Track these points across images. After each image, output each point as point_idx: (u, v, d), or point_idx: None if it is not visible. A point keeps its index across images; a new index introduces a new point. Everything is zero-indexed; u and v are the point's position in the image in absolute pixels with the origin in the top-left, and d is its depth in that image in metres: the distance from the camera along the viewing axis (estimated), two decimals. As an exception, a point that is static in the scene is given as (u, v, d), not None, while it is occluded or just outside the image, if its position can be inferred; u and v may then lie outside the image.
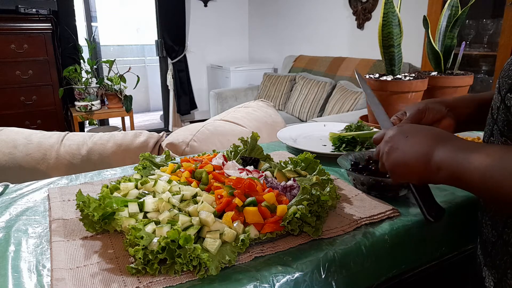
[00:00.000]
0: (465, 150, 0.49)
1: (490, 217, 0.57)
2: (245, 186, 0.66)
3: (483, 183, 0.45)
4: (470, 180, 0.47)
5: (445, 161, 0.50)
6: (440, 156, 0.51)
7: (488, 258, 0.57)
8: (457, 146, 0.51)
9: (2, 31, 3.13)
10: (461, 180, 0.48)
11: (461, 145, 0.50)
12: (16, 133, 1.24)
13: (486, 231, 0.58)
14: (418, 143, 0.55)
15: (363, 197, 0.75)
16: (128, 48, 5.85)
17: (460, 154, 0.49)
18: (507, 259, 0.53)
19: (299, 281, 0.54)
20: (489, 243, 0.57)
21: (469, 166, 0.47)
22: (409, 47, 2.23)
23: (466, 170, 0.47)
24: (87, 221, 0.61)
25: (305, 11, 4.06)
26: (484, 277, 0.59)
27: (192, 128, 1.34)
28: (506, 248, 0.53)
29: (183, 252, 0.51)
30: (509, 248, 0.52)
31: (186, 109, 4.80)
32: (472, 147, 0.49)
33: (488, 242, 0.57)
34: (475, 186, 0.47)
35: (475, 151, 0.48)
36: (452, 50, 1.27)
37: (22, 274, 0.53)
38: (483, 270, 0.59)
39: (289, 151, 1.06)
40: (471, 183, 0.47)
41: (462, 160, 0.48)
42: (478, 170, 0.45)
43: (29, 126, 3.27)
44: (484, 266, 0.59)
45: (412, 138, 0.56)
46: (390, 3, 1.08)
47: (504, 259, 0.53)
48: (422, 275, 0.72)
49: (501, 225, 0.54)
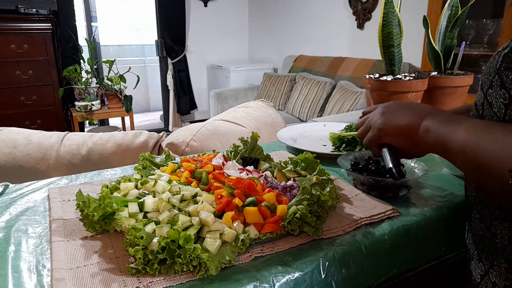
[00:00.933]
0: (451, 120, 0.54)
1: (479, 210, 0.58)
2: (245, 186, 0.66)
3: (462, 152, 0.49)
4: (451, 148, 0.51)
5: (434, 127, 0.55)
6: (429, 122, 0.57)
7: (476, 252, 0.59)
8: (446, 116, 0.56)
9: (2, 31, 3.13)
10: (445, 147, 0.52)
11: (450, 117, 0.56)
12: (16, 133, 1.24)
13: (474, 225, 0.59)
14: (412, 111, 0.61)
15: (363, 197, 0.75)
16: (128, 48, 5.85)
17: (446, 123, 0.54)
18: (494, 251, 0.54)
19: (299, 281, 0.54)
20: (477, 236, 0.58)
21: (452, 134, 0.51)
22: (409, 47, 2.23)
23: (448, 137, 0.52)
24: (87, 221, 0.61)
25: (305, 11, 4.06)
26: (471, 270, 0.60)
27: (192, 128, 1.34)
28: (493, 240, 0.54)
29: (183, 252, 0.51)
30: (495, 240, 0.54)
31: (186, 109, 4.80)
32: (459, 119, 0.53)
33: (476, 236, 0.59)
34: (455, 155, 0.51)
35: (460, 122, 0.52)
36: (452, 50, 1.26)
37: (22, 274, 0.53)
38: (471, 264, 0.60)
39: (289, 151, 1.06)
40: (451, 151, 0.51)
41: (447, 128, 0.53)
42: (458, 138, 0.50)
43: (29, 126, 3.27)
44: (472, 260, 0.60)
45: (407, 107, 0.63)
46: (390, 3, 1.08)
47: (491, 251, 0.54)
48: (422, 275, 0.72)
49: (489, 218, 0.55)
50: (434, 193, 0.78)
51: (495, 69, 0.52)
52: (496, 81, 0.51)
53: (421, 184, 0.82)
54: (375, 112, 0.67)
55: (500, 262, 0.53)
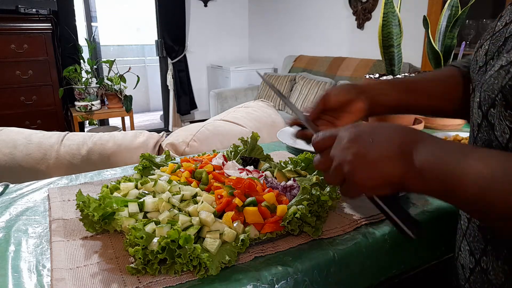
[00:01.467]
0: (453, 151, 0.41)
1: (468, 242, 0.54)
2: (245, 186, 0.66)
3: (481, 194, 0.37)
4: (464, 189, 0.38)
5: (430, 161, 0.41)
6: (422, 157, 0.42)
7: (466, 284, 0.55)
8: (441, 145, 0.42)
9: (2, 31, 3.13)
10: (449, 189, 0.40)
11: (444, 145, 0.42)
12: (16, 133, 1.24)
13: (464, 256, 0.55)
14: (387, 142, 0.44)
15: (363, 197, 0.74)
16: (128, 48, 5.85)
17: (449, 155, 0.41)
18: (488, 286, 0.49)
19: (299, 281, 0.54)
20: (467, 269, 0.54)
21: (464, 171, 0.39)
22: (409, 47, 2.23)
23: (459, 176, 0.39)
24: (87, 221, 0.61)
25: (305, 11, 4.06)
26: None
27: (192, 128, 1.34)
28: (486, 276, 0.49)
29: (183, 252, 0.51)
30: (489, 276, 0.49)
31: (186, 109, 4.80)
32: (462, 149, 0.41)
33: (466, 268, 0.55)
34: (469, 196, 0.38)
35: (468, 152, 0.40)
36: (452, 50, 1.27)
37: (22, 274, 0.53)
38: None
39: (289, 151, 1.06)
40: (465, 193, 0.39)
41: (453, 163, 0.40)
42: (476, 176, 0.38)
43: (29, 126, 3.27)
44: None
45: (379, 138, 0.45)
46: (390, 3, 1.08)
47: (485, 286, 0.50)
48: (422, 275, 0.72)
49: (478, 253, 0.50)
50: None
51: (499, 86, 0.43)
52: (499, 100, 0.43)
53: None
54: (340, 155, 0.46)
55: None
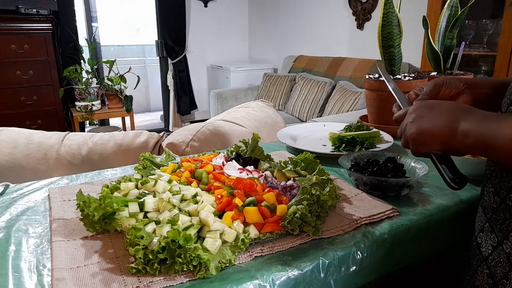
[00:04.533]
0: (492, 118, 0.51)
1: (493, 184, 0.59)
2: (245, 186, 0.67)
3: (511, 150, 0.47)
4: (499, 146, 0.48)
5: (472, 128, 0.52)
6: (467, 124, 0.53)
7: (487, 224, 0.60)
8: (483, 115, 0.53)
9: (2, 31, 3.13)
10: (489, 146, 0.49)
11: (487, 115, 0.53)
12: (16, 133, 1.24)
13: (487, 198, 0.60)
14: (443, 113, 0.57)
15: (363, 197, 0.75)
16: (128, 48, 5.85)
17: (487, 122, 0.51)
18: (510, 223, 0.55)
19: (299, 280, 0.54)
20: (490, 209, 0.59)
21: (498, 132, 0.48)
22: (409, 47, 2.24)
23: (494, 136, 0.48)
24: (88, 221, 0.61)
25: (305, 11, 4.06)
26: (480, 242, 0.61)
27: (192, 128, 1.34)
28: (509, 213, 0.55)
29: (183, 252, 0.51)
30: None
31: (186, 109, 4.80)
32: (499, 116, 0.51)
33: (488, 209, 0.60)
34: (504, 150, 0.48)
35: (503, 118, 0.50)
36: (451, 50, 1.27)
37: (22, 274, 0.53)
38: (480, 236, 0.61)
39: (289, 151, 1.07)
40: (500, 148, 0.48)
41: (490, 127, 0.50)
42: (508, 134, 0.47)
43: (30, 126, 3.27)
44: (481, 232, 0.61)
45: (437, 109, 0.58)
46: (390, 3, 1.08)
47: (507, 223, 0.55)
48: (421, 274, 0.72)
49: (505, 191, 0.56)
50: (434, 192, 0.78)
51: None
52: None
53: (421, 184, 0.83)
54: (406, 119, 0.62)
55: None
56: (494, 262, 0.57)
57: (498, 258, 0.56)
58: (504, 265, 0.55)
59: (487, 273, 0.58)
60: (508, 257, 0.54)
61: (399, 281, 0.70)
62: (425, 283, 0.78)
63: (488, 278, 0.58)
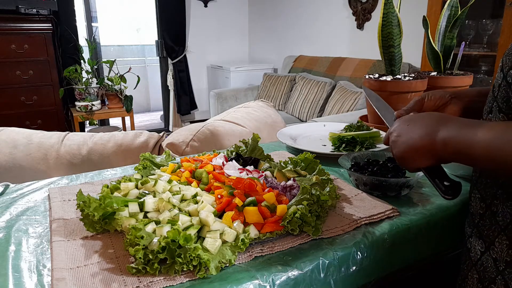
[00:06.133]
0: (468, 126, 0.51)
1: (479, 190, 0.60)
2: (245, 186, 0.67)
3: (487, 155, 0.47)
4: (475, 153, 0.49)
5: (451, 136, 0.52)
6: (445, 132, 0.53)
7: (475, 229, 0.60)
8: (461, 123, 0.53)
9: (2, 31, 3.13)
10: (467, 154, 0.50)
11: (465, 123, 0.53)
12: (16, 133, 1.24)
13: (474, 204, 0.61)
14: (421, 125, 0.57)
15: (363, 197, 0.75)
16: (128, 48, 5.85)
17: (464, 129, 0.51)
18: (495, 229, 0.56)
19: (299, 280, 0.54)
20: (477, 215, 0.60)
21: (474, 139, 0.49)
22: (409, 47, 2.23)
23: (471, 143, 0.49)
24: (88, 221, 0.61)
25: (305, 11, 4.06)
26: (469, 248, 0.61)
27: (192, 128, 1.34)
28: (494, 219, 0.56)
29: (183, 252, 0.51)
30: (497, 218, 0.56)
31: (186, 109, 4.80)
32: (475, 123, 0.51)
33: (475, 214, 0.61)
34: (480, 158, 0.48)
35: (478, 126, 0.50)
36: (451, 50, 1.27)
37: (22, 274, 0.53)
38: (469, 241, 0.62)
39: (289, 151, 1.07)
40: (476, 156, 0.49)
41: (467, 135, 0.50)
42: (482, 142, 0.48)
43: (30, 126, 3.27)
44: (470, 237, 0.61)
45: (413, 122, 0.59)
46: (390, 3, 1.08)
47: (493, 228, 0.56)
48: (421, 273, 0.72)
49: (490, 198, 0.57)
50: (434, 192, 0.78)
51: None
52: None
53: (421, 184, 0.83)
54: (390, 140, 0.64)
55: (502, 239, 0.54)
56: (482, 267, 0.58)
57: (486, 263, 0.57)
58: (492, 270, 0.56)
59: (476, 278, 0.59)
60: (495, 262, 0.55)
61: (399, 281, 0.70)
62: (425, 283, 0.78)
63: (478, 283, 0.58)
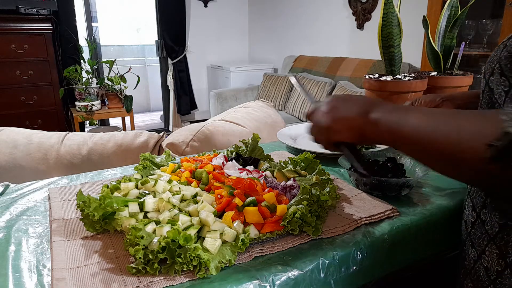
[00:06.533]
0: (402, 109, 0.52)
1: (472, 198, 0.60)
2: (245, 186, 0.67)
3: (416, 139, 0.47)
4: (404, 135, 0.49)
5: (382, 117, 0.53)
6: (378, 113, 0.54)
7: (468, 238, 0.61)
8: (394, 106, 0.54)
9: (2, 31, 3.13)
10: (396, 135, 0.50)
11: (398, 106, 0.54)
12: (16, 133, 1.24)
13: (467, 212, 0.62)
14: (357, 104, 0.58)
15: (363, 197, 0.75)
16: (128, 48, 5.85)
17: (397, 112, 0.52)
18: (485, 237, 0.56)
19: (299, 280, 0.54)
20: (469, 223, 0.61)
21: (405, 122, 0.49)
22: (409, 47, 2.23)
23: (402, 125, 0.49)
24: (88, 221, 0.61)
25: (305, 11, 4.06)
26: (464, 256, 0.62)
27: (192, 128, 1.34)
28: (483, 228, 0.56)
29: (183, 252, 0.51)
30: (486, 227, 0.56)
31: (186, 109, 4.80)
32: (409, 108, 0.53)
33: (468, 223, 0.61)
34: (408, 141, 0.49)
35: (412, 110, 0.51)
36: (451, 50, 1.27)
37: (22, 274, 0.53)
38: (463, 250, 0.62)
39: (289, 151, 1.07)
40: (404, 139, 0.49)
41: (398, 117, 0.51)
42: (413, 125, 0.48)
43: (30, 126, 3.27)
44: (464, 245, 0.62)
45: (351, 101, 0.59)
46: (390, 3, 1.08)
47: (483, 237, 0.56)
48: (420, 273, 0.72)
49: (479, 206, 0.58)
50: (434, 192, 0.78)
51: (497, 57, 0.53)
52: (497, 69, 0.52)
53: (421, 184, 0.83)
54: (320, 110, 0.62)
55: (492, 248, 0.54)
56: (476, 276, 0.58)
57: (479, 272, 0.57)
58: (484, 279, 0.56)
59: (471, 286, 0.59)
60: (487, 271, 0.55)
61: (399, 281, 0.70)
62: (425, 283, 0.78)
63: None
